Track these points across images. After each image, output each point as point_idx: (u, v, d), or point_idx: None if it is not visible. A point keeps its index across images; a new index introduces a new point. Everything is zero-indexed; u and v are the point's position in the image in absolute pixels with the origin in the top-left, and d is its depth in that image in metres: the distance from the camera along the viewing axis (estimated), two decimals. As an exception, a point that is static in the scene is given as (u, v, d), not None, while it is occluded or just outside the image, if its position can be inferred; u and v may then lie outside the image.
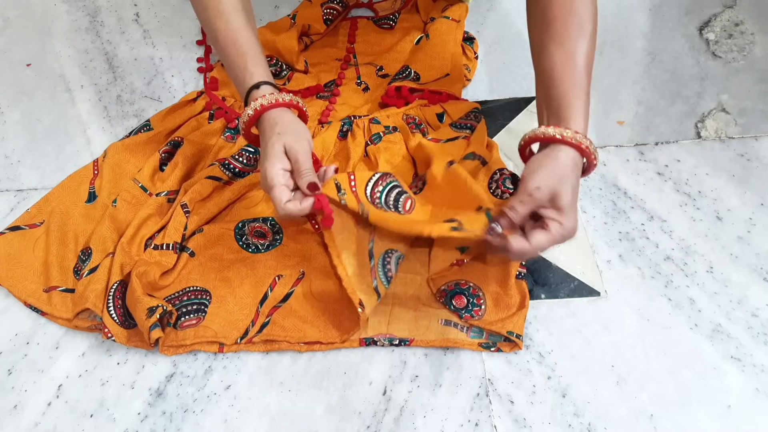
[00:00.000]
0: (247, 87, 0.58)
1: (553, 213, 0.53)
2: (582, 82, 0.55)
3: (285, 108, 0.58)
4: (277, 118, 0.56)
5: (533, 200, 0.52)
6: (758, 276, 0.67)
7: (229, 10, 0.60)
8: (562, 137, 0.53)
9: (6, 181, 0.78)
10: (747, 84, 0.84)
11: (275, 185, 0.53)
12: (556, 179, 0.52)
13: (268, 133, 0.56)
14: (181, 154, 0.75)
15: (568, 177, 0.53)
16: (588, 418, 0.59)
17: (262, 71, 0.59)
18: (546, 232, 0.52)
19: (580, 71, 0.55)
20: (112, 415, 0.60)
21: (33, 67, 0.90)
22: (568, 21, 0.56)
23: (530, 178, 0.53)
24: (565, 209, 0.52)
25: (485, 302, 0.64)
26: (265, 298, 0.66)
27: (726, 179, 0.75)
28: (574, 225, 0.53)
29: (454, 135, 0.76)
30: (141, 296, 0.61)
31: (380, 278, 0.62)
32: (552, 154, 0.53)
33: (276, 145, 0.54)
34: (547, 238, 0.52)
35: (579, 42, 0.56)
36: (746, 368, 0.61)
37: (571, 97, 0.55)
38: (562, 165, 0.53)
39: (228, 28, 0.60)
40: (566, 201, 0.52)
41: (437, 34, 0.87)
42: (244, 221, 0.68)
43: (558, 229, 0.52)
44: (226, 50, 0.60)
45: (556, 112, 0.55)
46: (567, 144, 0.53)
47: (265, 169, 0.54)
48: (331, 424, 0.59)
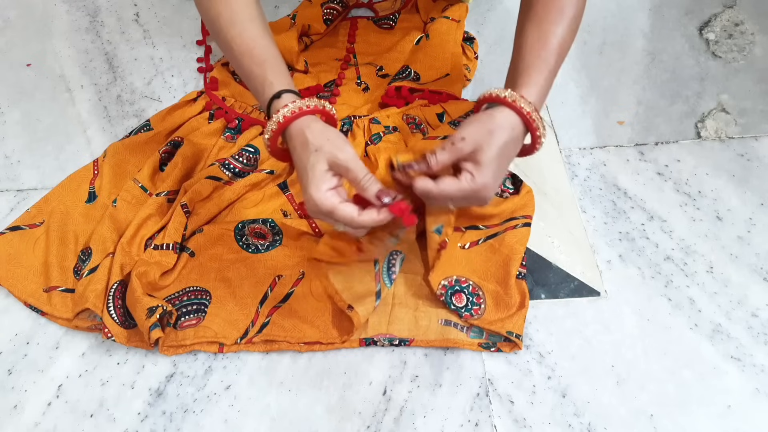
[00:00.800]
0: (267, 98, 0.54)
1: (470, 165, 0.51)
2: (549, 60, 0.55)
3: (311, 116, 0.53)
4: (306, 132, 0.51)
5: (455, 150, 0.51)
6: (758, 276, 0.67)
7: (243, 19, 0.57)
8: (503, 98, 0.52)
9: (6, 181, 0.78)
10: (747, 84, 0.84)
11: (332, 208, 0.49)
12: (483, 134, 0.51)
13: (301, 151, 0.51)
14: (181, 154, 0.75)
15: (497, 135, 0.51)
16: (588, 418, 0.59)
17: (282, 79, 0.55)
18: (455, 180, 0.51)
19: (550, 50, 0.55)
20: (112, 415, 0.60)
21: (33, 67, 0.90)
22: (549, 5, 0.57)
23: (459, 129, 0.52)
24: (483, 164, 0.51)
25: (485, 301, 0.64)
26: (265, 298, 0.66)
27: (726, 179, 0.75)
28: (487, 183, 0.51)
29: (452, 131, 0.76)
30: (141, 296, 0.61)
31: (384, 281, 0.63)
32: (489, 112, 0.53)
33: (317, 166, 0.50)
34: (455, 187, 0.51)
35: (556, 25, 0.56)
36: (746, 368, 0.61)
37: (532, 70, 0.54)
38: (495, 123, 0.52)
39: (243, 38, 0.56)
40: (487, 156, 0.51)
41: (437, 34, 0.87)
42: (244, 222, 0.68)
43: (468, 181, 0.51)
44: (242, 61, 0.56)
45: (514, 80, 0.55)
46: (507, 105, 0.52)
47: (310, 195, 0.49)
48: (331, 424, 0.59)
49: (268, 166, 0.74)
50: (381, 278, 0.63)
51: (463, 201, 0.53)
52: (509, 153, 0.53)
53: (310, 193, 0.49)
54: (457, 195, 0.52)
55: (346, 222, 0.50)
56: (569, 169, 0.77)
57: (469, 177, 0.51)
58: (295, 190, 0.74)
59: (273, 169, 0.74)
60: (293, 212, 0.72)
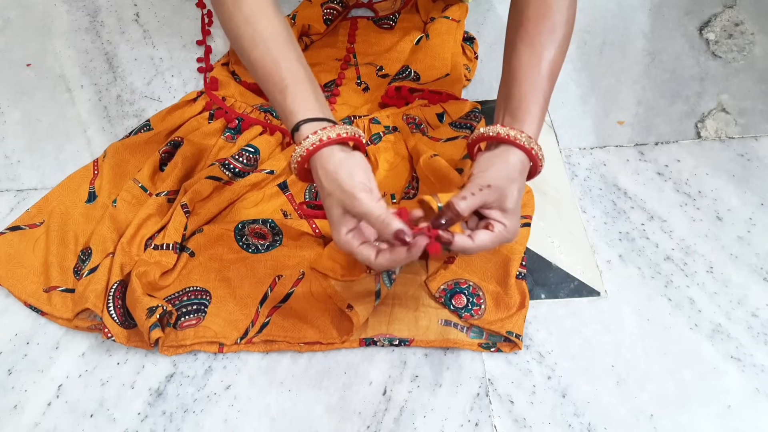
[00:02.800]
0: (291, 125, 0.53)
1: (498, 214, 0.52)
2: (543, 86, 0.55)
3: (329, 148, 0.51)
4: (320, 172, 0.50)
5: (482, 197, 0.51)
6: (758, 276, 0.67)
7: (266, 38, 0.54)
8: (515, 139, 0.52)
9: (6, 181, 0.78)
10: (747, 84, 0.84)
11: (353, 250, 0.50)
12: (505, 181, 0.52)
13: (321, 190, 0.51)
14: (181, 154, 0.75)
15: (515, 180, 0.52)
16: (588, 418, 0.59)
17: (302, 107, 0.52)
18: (489, 233, 0.51)
19: (543, 76, 0.55)
20: (112, 415, 0.60)
21: (33, 67, 0.90)
22: (540, 24, 0.56)
23: (481, 176, 0.52)
24: (509, 211, 0.52)
25: (485, 302, 0.64)
26: (265, 298, 0.66)
27: (726, 179, 0.75)
28: (516, 228, 0.53)
29: (454, 134, 0.76)
30: (141, 296, 0.61)
31: (384, 281, 0.63)
32: (503, 155, 0.53)
33: (333, 210, 0.50)
34: (490, 239, 0.51)
35: (548, 46, 0.56)
36: (746, 368, 0.61)
37: (530, 101, 0.54)
38: (512, 167, 0.52)
39: (265, 60, 0.54)
40: (512, 203, 0.52)
41: (437, 34, 0.87)
42: (244, 222, 0.68)
43: (501, 231, 0.51)
44: (266, 87, 0.54)
45: (513, 112, 0.55)
46: (518, 147, 0.52)
47: (333, 237, 0.51)
48: (331, 424, 0.59)
49: (268, 166, 0.74)
50: (381, 278, 0.63)
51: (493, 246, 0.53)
52: (523, 190, 0.54)
53: (333, 235, 0.51)
54: (492, 246, 0.52)
55: (365, 260, 0.50)
56: (569, 169, 0.77)
57: (501, 227, 0.52)
58: (295, 190, 0.74)
59: (273, 169, 0.74)
60: (293, 212, 0.72)
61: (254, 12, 0.55)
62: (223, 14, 0.56)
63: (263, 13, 0.55)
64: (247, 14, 0.54)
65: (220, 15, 0.57)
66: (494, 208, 0.52)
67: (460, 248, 0.51)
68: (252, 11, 0.55)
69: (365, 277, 0.63)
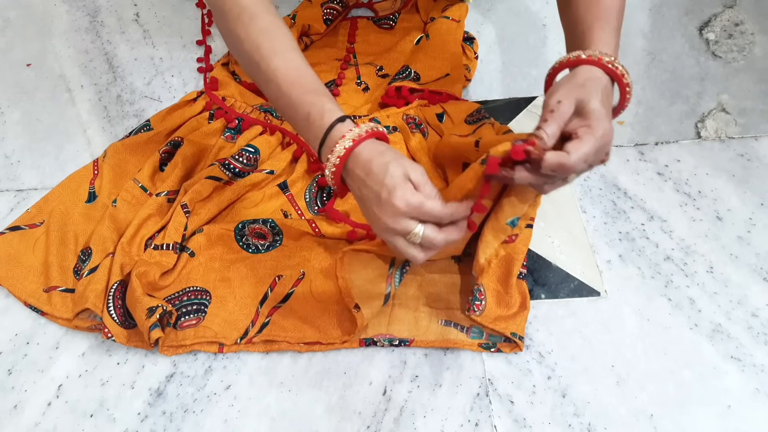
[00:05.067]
0: (327, 123, 0.51)
1: (580, 121, 0.48)
2: (609, 18, 0.53)
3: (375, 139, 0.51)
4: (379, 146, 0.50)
5: (558, 115, 0.47)
6: (758, 276, 0.67)
7: (286, 49, 0.55)
8: (580, 57, 0.50)
9: (6, 181, 0.78)
10: (747, 84, 0.84)
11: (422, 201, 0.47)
12: (577, 90, 0.49)
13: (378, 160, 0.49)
14: (181, 154, 0.75)
15: (591, 88, 0.48)
16: (588, 418, 0.59)
17: (338, 107, 0.53)
18: (578, 141, 0.46)
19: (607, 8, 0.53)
20: (112, 415, 0.60)
21: (33, 67, 0.90)
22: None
23: (549, 96, 0.49)
24: (593, 113, 0.47)
25: (486, 298, 0.64)
26: (265, 298, 0.66)
27: (726, 179, 0.75)
28: (606, 128, 0.47)
29: (477, 126, 0.76)
30: (141, 296, 0.61)
31: (395, 284, 0.63)
32: (572, 73, 0.51)
33: (398, 169, 0.48)
34: (582, 146, 0.46)
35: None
36: (746, 368, 0.61)
37: (595, 29, 0.52)
38: (583, 77, 0.49)
39: (288, 68, 0.54)
40: (594, 106, 0.47)
41: (437, 34, 0.87)
42: (244, 222, 0.68)
43: (589, 134, 0.46)
44: (289, 91, 0.54)
45: (581, 43, 0.53)
46: (587, 63, 0.50)
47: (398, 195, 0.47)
48: (331, 424, 0.59)
49: (268, 166, 0.74)
50: (393, 280, 0.63)
51: (595, 158, 0.49)
52: (608, 101, 0.50)
53: (398, 191, 0.47)
54: (591, 153, 0.47)
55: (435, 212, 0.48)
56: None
57: (586, 130, 0.47)
58: (295, 190, 0.74)
59: (273, 169, 0.74)
60: (293, 212, 0.72)
61: (270, 26, 0.56)
62: (238, 29, 0.56)
63: (278, 28, 0.56)
64: (263, 27, 0.56)
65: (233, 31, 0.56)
66: (576, 118, 0.48)
67: (555, 163, 0.46)
68: (268, 25, 0.56)
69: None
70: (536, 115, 0.81)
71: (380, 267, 0.64)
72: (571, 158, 0.45)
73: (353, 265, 0.65)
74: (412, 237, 0.48)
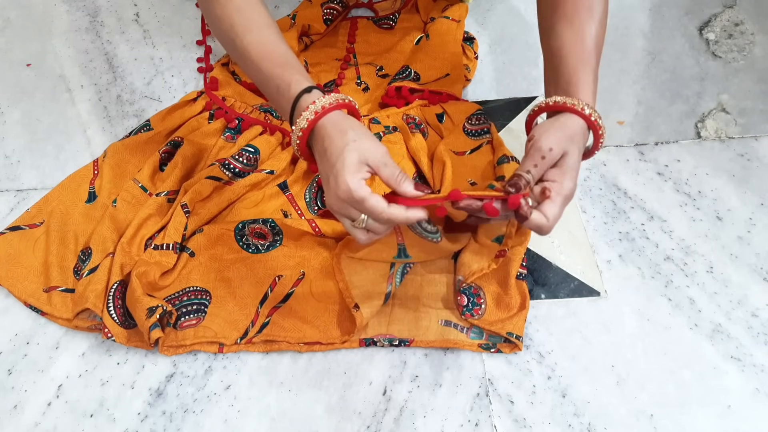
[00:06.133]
0: (294, 94, 0.52)
1: (555, 173, 0.51)
2: (590, 61, 0.55)
3: (342, 110, 0.52)
4: (345, 122, 0.50)
5: (547, 162, 0.51)
6: (758, 276, 0.67)
7: (259, 25, 0.57)
8: (571, 106, 0.52)
9: (6, 181, 0.78)
10: (747, 84, 0.84)
11: (365, 197, 0.47)
12: (566, 140, 0.51)
13: (338, 139, 0.49)
14: (181, 154, 0.75)
15: (577, 141, 0.52)
16: (588, 418, 0.59)
17: (306, 78, 0.54)
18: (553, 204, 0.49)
19: (589, 51, 0.55)
20: (112, 415, 0.60)
21: (33, 67, 0.90)
22: (577, 3, 0.56)
23: (542, 139, 0.51)
24: (568, 170, 0.51)
25: (485, 302, 0.64)
26: (265, 298, 0.66)
27: (726, 179, 0.75)
28: (573, 186, 0.51)
29: (476, 143, 0.76)
30: (141, 296, 0.61)
31: (396, 283, 0.63)
32: (560, 119, 0.53)
33: (353, 155, 0.48)
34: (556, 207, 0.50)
35: (588, 23, 0.56)
36: (746, 368, 0.61)
37: (580, 74, 0.54)
38: (572, 130, 0.52)
39: (260, 42, 0.56)
40: (571, 162, 0.51)
41: (437, 34, 0.87)
42: (244, 222, 0.68)
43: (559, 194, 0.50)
44: (260, 65, 0.55)
45: (564, 87, 0.55)
46: (574, 112, 0.52)
47: (344, 181, 0.47)
48: (331, 424, 0.59)
49: (268, 166, 0.74)
50: (393, 280, 0.63)
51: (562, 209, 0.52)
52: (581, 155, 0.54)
53: (344, 178, 0.47)
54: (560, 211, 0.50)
55: (374, 213, 0.48)
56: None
57: (556, 186, 0.50)
58: (295, 190, 0.74)
59: (273, 169, 0.74)
60: (293, 212, 0.72)
61: (245, 4, 0.58)
62: (214, 8, 0.58)
63: (253, 5, 0.58)
64: (238, 5, 0.58)
65: (213, 10, 0.59)
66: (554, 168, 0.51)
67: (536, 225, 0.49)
68: (241, 3, 0.58)
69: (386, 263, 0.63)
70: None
71: (381, 268, 0.64)
72: (549, 223, 0.49)
73: (354, 266, 0.65)
74: (357, 222, 0.50)
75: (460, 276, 0.65)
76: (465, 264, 0.65)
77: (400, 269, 0.64)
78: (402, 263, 0.64)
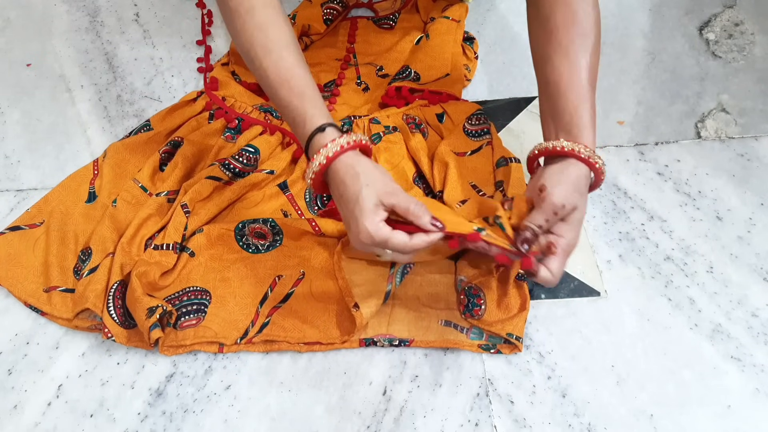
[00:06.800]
0: (308, 132, 0.53)
1: (563, 228, 0.52)
2: (588, 96, 0.55)
3: (355, 150, 0.53)
4: (357, 166, 0.52)
5: (559, 217, 0.52)
6: (758, 276, 0.67)
7: (279, 46, 0.55)
8: (579, 153, 0.53)
9: (6, 181, 0.78)
10: (747, 84, 0.84)
11: (388, 237, 0.49)
12: (577, 194, 0.52)
13: (351, 184, 0.51)
14: (181, 154, 0.75)
15: (583, 191, 0.53)
16: (588, 418, 0.59)
17: (322, 112, 0.54)
18: (557, 258, 0.51)
19: (586, 85, 0.55)
20: (112, 415, 0.60)
21: (33, 67, 0.90)
22: (571, 31, 0.56)
23: (554, 193, 0.52)
24: (575, 224, 0.52)
25: (485, 303, 0.64)
26: (265, 298, 0.66)
27: (726, 179, 0.75)
28: (577, 238, 0.53)
29: (476, 145, 0.76)
30: (141, 296, 0.61)
31: (396, 283, 0.63)
32: (568, 170, 0.53)
33: (369, 199, 0.50)
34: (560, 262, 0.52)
35: (583, 53, 0.56)
36: (746, 368, 0.61)
37: (582, 112, 0.55)
38: (578, 179, 0.53)
39: (279, 67, 0.55)
40: (579, 216, 0.53)
41: (437, 34, 0.87)
42: (244, 222, 0.68)
43: (564, 249, 0.52)
44: (278, 91, 0.55)
45: (567, 128, 0.55)
46: (581, 160, 0.53)
47: (365, 227, 0.49)
48: (331, 424, 0.59)
49: (268, 166, 0.74)
50: (394, 279, 0.63)
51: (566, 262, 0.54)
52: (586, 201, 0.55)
53: (365, 225, 0.49)
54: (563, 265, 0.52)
55: (399, 248, 0.50)
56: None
57: (562, 242, 0.52)
58: (295, 190, 0.74)
59: (273, 169, 0.74)
60: (293, 212, 0.72)
61: (267, 21, 0.56)
62: (235, 21, 0.56)
63: (275, 23, 0.56)
64: (259, 22, 0.56)
65: (231, 22, 0.57)
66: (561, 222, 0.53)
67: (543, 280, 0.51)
68: (264, 20, 0.56)
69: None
70: (536, 115, 0.81)
71: (381, 269, 0.64)
72: (554, 278, 0.51)
73: (354, 266, 0.65)
74: (383, 257, 0.53)
75: (463, 276, 0.65)
76: (467, 265, 0.65)
77: (400, 269, 0.64)
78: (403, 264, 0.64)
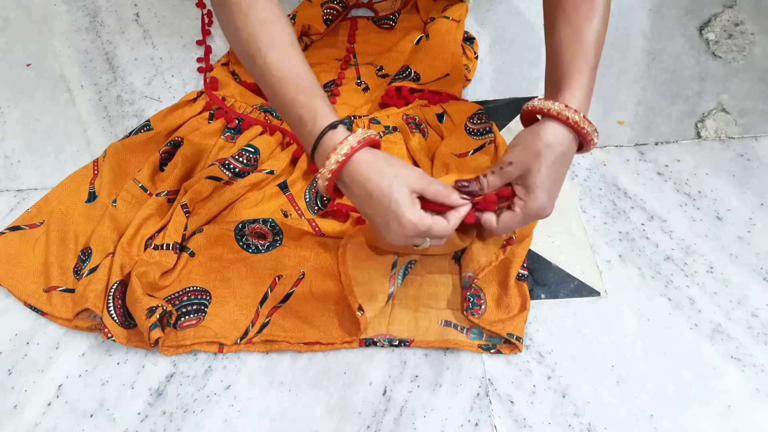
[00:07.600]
0: (320, 128, 0.51)
1: (521, 190, 0.52)
2: (587, 56, 0.54)
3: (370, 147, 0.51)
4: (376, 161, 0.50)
5: (503, 174, 0.52)
6: (758, 276, 0.67)
7: (284, 42, 0.53)
8: (548, 110, 0.52)
9: (6, 181, 0.78)
10: (747, 84, 0.84)
11: (430, 226, 0.49)
12: (530, 157, 0.51)
13: (377, 180, 0.49)
14: (181, 154, 0.75)
15: (545, 156, 0.51)
16: (588, 418, 0.59)
17: (331, 110, 0.52)
18: (511, 213, 0.52)
19: (587, 47, 0.54)
20: (112, 415, 0.60)
21: (33, 67, 0.90)
22: (579, 3, 0.56)
23: (507, 152, 0.53)
24: (533, 188, 0.51)
25: (485, 302, 0.64)
26: (265, 298, 0.66)
27: (726, 179, 0.75)
28: (541, 204, 0.52)
29: (479, 143, 0.76)
30: (141, 296, 0.61)
31: (398, 283, 0.63)
32: (536, 130, 0.52)
33: (403, 191, 0.49)
34: (513, 219, 0.52)
35: (588, 20, 0.55)
36: (746, 368, 0.61)
37: (573, 71, 0.54)
38: (542, 143, 0.51)
39: (284, 63, 0.53)
40: (535, 180, 0.51)
41: (437, 34, 0.87)
42: (244, 222, 0.68)
43: (522, 208, 0.52)
44: (283, 88, 0.52)
45: (556, 84, 0.54)
46: (554, 118, 0.52)
47: (408, 219, 0.48)
48: (331, 424, 0.59)
49: (268, 166, 0.74)
50: (395, 280, 0.63)
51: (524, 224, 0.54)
52: (561, 168, 0.53)
53: (408, 218, 0.48)
54: (517, 225, 0.53)
55: (442, 232, 0.50)
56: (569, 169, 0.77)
57: (521, 204, 0.52)
58: (295, 190, 0.74)
59: (273, 169, 0.74)
60: (293, 212, 0.72)
61: (269, 17, 0.54)
62: (235, 17, 0.55)
63: (278, 20, 0.55)
64: (262, 18, 0.54)
65: (231, 18, 0.55)
66: (519, 185, 0.53)
67: (485, 224, 0.53)
68: (267, 16, 0.54)
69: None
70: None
71: (383, 268, 0.64)
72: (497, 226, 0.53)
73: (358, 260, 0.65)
74: (421, 247, 0.53)
75: (470, 272, 0.64)
76: (473, 259, 0.65)
77: (402, 269, 0.64)
78: (407, 260, 0.64)
